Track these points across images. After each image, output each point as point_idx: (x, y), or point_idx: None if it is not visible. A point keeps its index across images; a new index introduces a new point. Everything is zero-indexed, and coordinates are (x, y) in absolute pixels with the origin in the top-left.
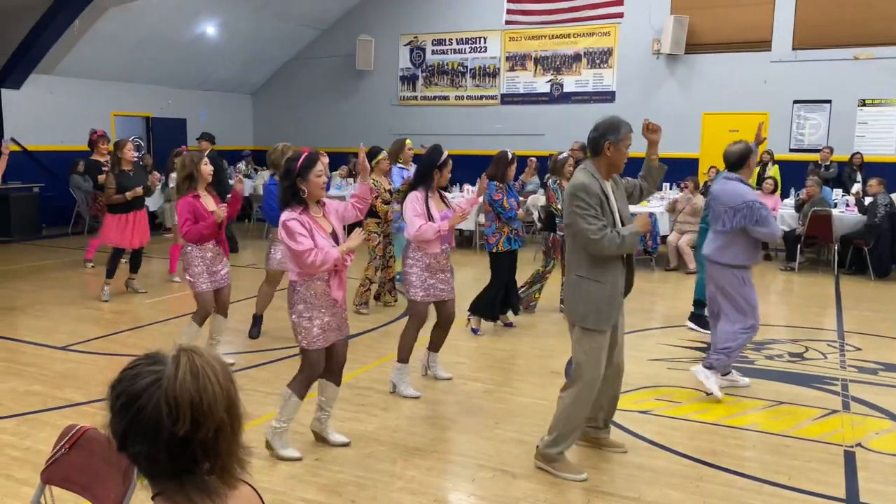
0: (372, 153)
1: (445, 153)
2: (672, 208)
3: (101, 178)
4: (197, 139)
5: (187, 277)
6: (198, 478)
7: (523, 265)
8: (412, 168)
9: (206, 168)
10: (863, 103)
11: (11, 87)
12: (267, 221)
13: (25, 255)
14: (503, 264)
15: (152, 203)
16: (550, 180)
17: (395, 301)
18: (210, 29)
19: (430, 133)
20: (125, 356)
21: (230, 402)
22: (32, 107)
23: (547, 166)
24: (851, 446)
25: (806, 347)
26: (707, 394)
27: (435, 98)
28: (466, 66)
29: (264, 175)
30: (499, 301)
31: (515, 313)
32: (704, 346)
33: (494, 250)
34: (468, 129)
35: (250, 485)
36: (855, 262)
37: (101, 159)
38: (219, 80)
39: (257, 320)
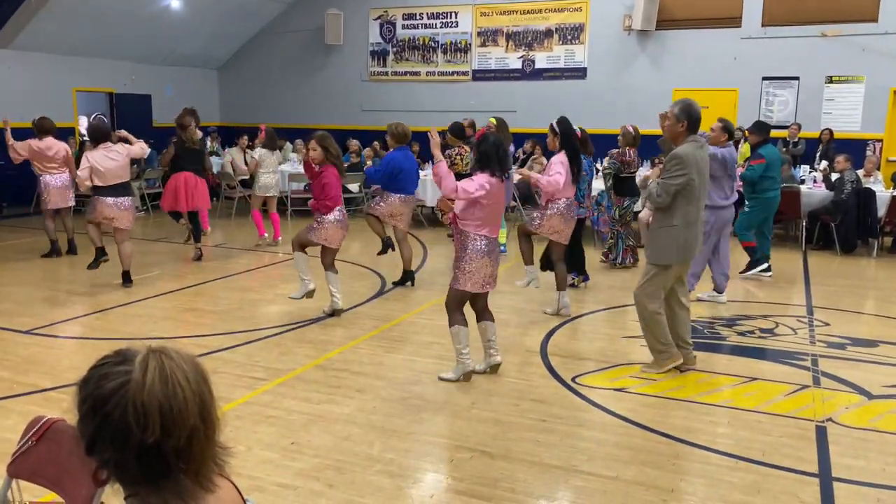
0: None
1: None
2: (644, 185)
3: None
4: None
5: (330, 235)
6: (173, 480)
7: None
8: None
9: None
10: (830, 80)
11: None
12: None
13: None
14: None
15: None
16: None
17: None
18: (174, 2)
19: (400, 109)
20: (92, 339)
21: (203, 406)
22: None
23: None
24: (822, 421)
25: (776, 323)
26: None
27: (406, 74)
28: (437, 42)
29: (232, 152)
30: (574, 260)
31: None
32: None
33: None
34: (439, 105)
35: (230, 480)
36: (822, 237)
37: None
38: (184, 55)
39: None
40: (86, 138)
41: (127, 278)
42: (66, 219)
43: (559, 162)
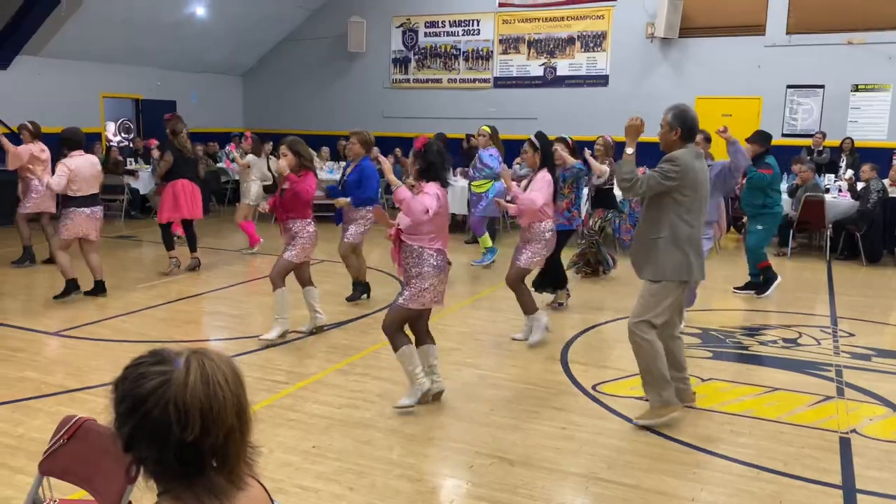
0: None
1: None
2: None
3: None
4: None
5: (302, 245)
6: (206, 478)
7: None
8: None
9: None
10: (856, 88)
11: None
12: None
13: (12, 239)
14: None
15: (142, 186)
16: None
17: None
18: (200, 10)
19: (422, 116)
20: (118, 342)
21: (240, 407)
22: (20, 89)
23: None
24: (846, 432)
25: (799, 333)
26: None
27: (427, 81)
28: (459, 49)
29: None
30: (557, 271)
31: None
32: (699, 330)
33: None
34: (460, 112)
35: (258, 481)
36: (847, 247)
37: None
38: (209, 62)
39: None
40: (112, 144)
41: (101, 288)
42: (49, 225)
43: (545, 180)
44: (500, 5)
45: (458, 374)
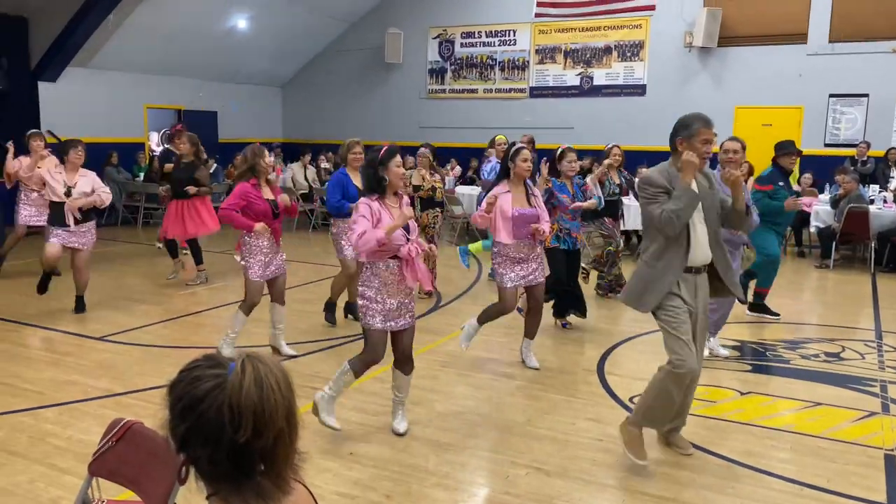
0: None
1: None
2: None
3: (169, 166)
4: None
5: (242, 262)
6: (254, 481)
7: None
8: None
9: (268, 160)
10: None
11: (48, 81)
12: (331, 213)
13: None
14: (556, 259)
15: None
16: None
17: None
18: (241, 22)
19: (457, 126)
20: (160, 347)
21: (290, 411)
22: (68, 99)
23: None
24: (892, 450)
25: (842, 347)
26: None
27: (463, 91)
28: (495, 59)
29: (293, 168)
30: (565, 294)
31: (582, 315)
32: (738, 343)
33: (544, 246)
34: (496, 122)
35: (304, 484)
36: (892, 259)
37: (178, 151)
38: (249, 73)
39: (332, 307)
40: (155, 153)
41: (81, 304)
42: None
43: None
44: (537, 16)
45: (494, 383)
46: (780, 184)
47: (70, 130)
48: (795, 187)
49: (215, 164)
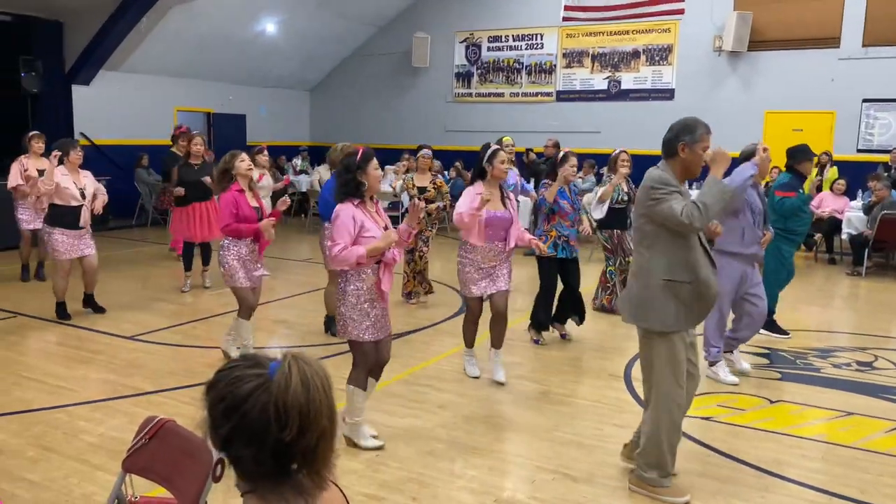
0: (418, 148)
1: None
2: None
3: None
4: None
5: (221, 272)
6: (292, 478)
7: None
8: (514, 168)
9: (243, 164)
10: None
11: (82, 84)
12: (323, 219)
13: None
14: (548, 269)
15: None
16: (607, 177)
17: (428, 294)
18: (270, 26)
19: (484, 130)
20: (189, 347)
21: (332, 410)
22: (101, 102)
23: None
24: None
25: (875, 356)
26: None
27: (490, 95)
28: (522, 63)
29: (320, 170)
30: (549, 308)
31: (579, 322)
32: (767, 350)
33: (537, 253)
34: (523, 125)
35: (337, 485)
36: None
37: (181, 153)
38: (278, 77)
39: (332, 321)
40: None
41: (96, 304)
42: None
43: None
44: (565, 19)
45: (520, 388)
46: (801, 190)
47: (102, 133)
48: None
49: (266, 157)
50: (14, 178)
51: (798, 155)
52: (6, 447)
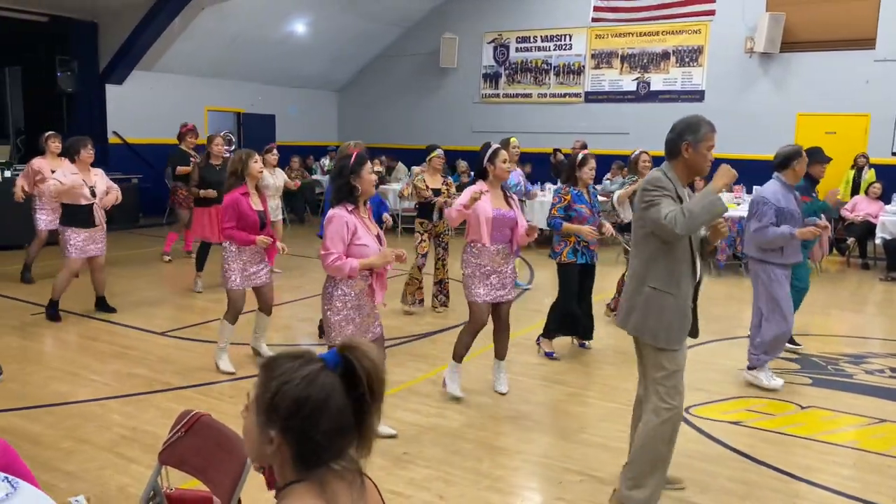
0: (428, 150)
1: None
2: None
3: (183, 169)
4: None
5: (222, 273)
6: (339, 468)
7: (603, 265)
8: (517, 169)
9: (256, 166)
10: None
11: (115, 83)
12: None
13: (125, 243)
14: (569, 276)
15: None
16: (628, 179)
17: (444, 307)
18: (300, 27)
19: (511, 131)
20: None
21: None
22: (133, 102)
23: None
24: None
25: None
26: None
27: (517, 96)
28: (550, 64)
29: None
30: (568, 316)
31: (587, 338)
32: (796, 356)
33: (559, 260)
34: (550, 127)
35: (369, 478)
36: None
37: (188, 151)
38: (306, 77)
39: None
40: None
41: (107, 304)
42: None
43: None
44: (594, 20)
45: (546, 389)
46: (814, 195)
47: (135, 132)
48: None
49: (276, 157)
50: (19, 186)
51: (810, 158)
52: (42, 438)
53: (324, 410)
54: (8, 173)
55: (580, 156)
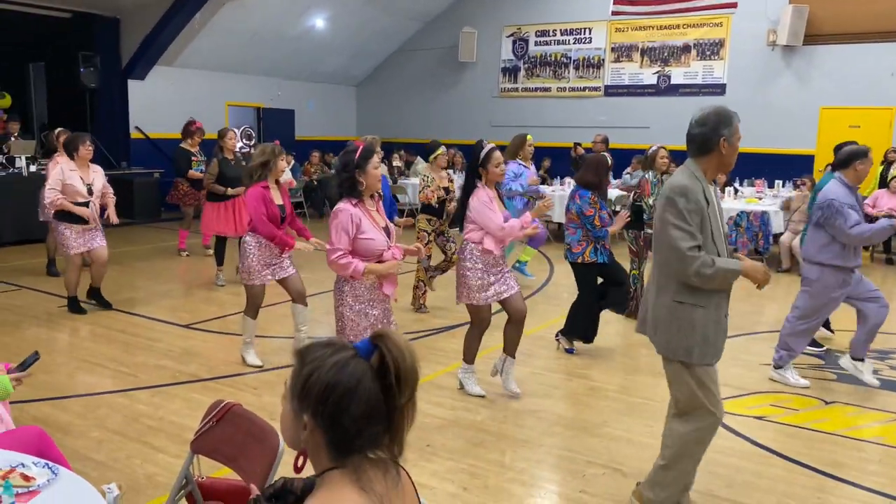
0: (430, 147)
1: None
2: (787, 206)
3: (194, 174)
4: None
5: (239, 266)
6: (376, 456)
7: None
8: (532, 166)
9: (282, 164)
10: None
11: (137, 79)
12: None
13: (147, 237)
14: (592, 276)
15: None
16: (649, 174)
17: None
18: (319, 22)
19: (530, 125)
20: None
21: (417, 382)
22: (155, 97)
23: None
24: None
25: None
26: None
27: (536, 90)
28: (570, 58)
29: None
30: (588, 319)
31: (587, 341)
32: (822, 351)
33: (580, 260)
34: (569, 121)
35: (405, 469)
36: None
37: (193, 149)
38: (325, 72)
39: None
40: (236, 150)
41: (103, 298)
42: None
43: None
44: (614, 13)
45: (568, 383)
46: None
47: (156, 127)
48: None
49: (293, 161)
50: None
51: (856, 157)
52: (72, 428)
53: (353, 396)
54: (33, 167)
55: (610, 160)
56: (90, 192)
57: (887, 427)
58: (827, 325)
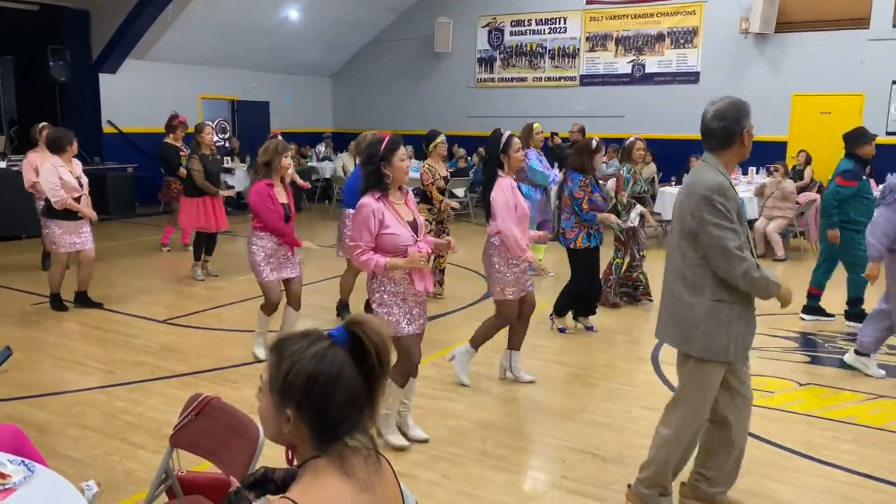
0: (429, 137)
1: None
2: (760, 192)
3: (184, 171)
4: None
5: (253, 266)
6: (356, 444)
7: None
8: (542, 154)
9: (286, 161)
10: None
11: (108, 73)
12: (345, 206)
13: (123, 232)
14: (584, 260)
15: (238, 183)
16: (624, 168)
17: (440, 295)
18: (293, 13)
19: (506, 115)
20: (221, 330)
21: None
22: (127, 91)
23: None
24: None
25: None
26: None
27: (512, 80)
28: (545, 47)
29: (343, 157)
30: (582, 298)
31: (593, 312)
32: (795, 334)
33: (572, 246)
34: (545, 110)
35: (384, 455)
36: None
37: (178, 144)
38: (300, 64)
39: (344, 307)
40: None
41: (89, 299)
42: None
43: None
44: (588, 3)
45: (549, 370)
46: (864, 177)
47: (129, 121)
48: None
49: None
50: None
51: (858, 139)
52: (49, 426)
53: (337, 385)
54: (3, 163)
55: (594, 143)
56: (81, 186)
57: (859, 407)
58: (822, 311)
